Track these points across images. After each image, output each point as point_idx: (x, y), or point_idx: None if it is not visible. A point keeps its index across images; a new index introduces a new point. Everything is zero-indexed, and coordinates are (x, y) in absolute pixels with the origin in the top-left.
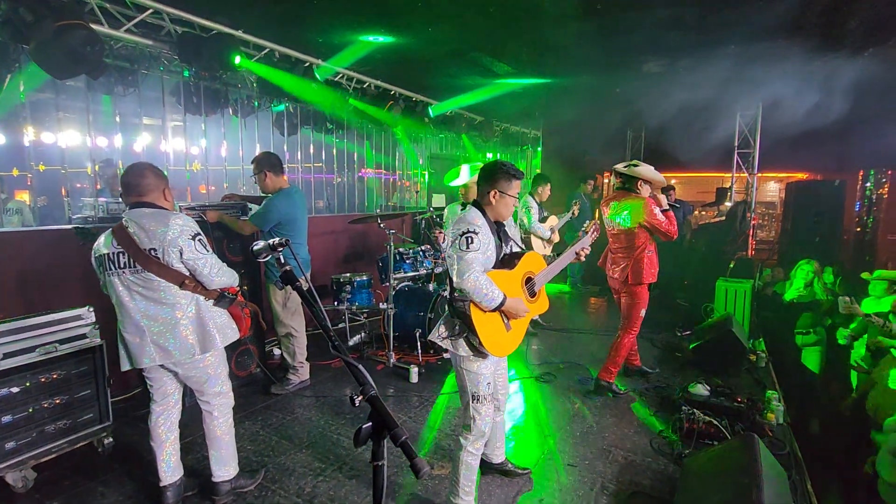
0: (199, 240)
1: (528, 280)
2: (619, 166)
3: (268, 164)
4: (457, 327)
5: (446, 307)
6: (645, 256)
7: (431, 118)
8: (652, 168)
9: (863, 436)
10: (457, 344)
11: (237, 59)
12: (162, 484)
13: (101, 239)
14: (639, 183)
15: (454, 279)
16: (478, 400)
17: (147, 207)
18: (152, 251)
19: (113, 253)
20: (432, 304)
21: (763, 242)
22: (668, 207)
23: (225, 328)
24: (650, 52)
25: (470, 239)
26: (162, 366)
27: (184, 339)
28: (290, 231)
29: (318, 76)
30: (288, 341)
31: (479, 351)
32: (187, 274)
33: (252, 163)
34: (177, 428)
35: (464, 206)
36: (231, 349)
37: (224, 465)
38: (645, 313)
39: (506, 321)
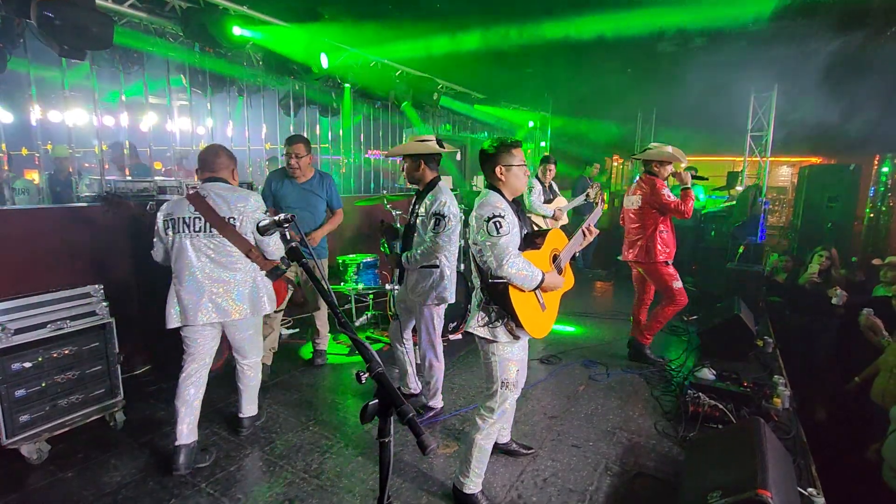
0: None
1: (555, 257)
2: (638, 154)
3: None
4: (493, 313)
5: (479, 294)
6: (658, 236)
7: (439, 105)
8: (668, 148)
9: (868, 421)
10: (496, 331)
11: (235, 30)
12: (177, 443)
13: (172, 205)
14: (654, 164)
15: (492, 267)
16: (507, 387)
17: (222, 182)
18: (231, 220)
19: (189, 217)
20: None
21: (773, 228)
22: (688, 185)
23: (272, 297)
24: (663, 31)
25: (498, 223)
26: (210, 325)
27: (240, 301)
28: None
29: (325, 59)
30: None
31: (514, 335)
32: (254, 244)
33: (299, 142)
34: (202, 392)
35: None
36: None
37: (251, 405)
38: (679, 286)
39: (541, 301)
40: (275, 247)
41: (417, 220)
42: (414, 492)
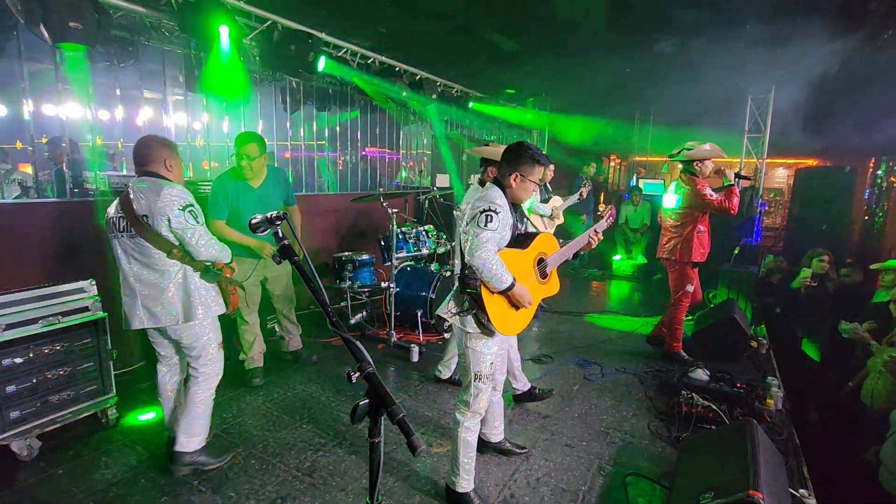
0: (190, 210)
1: (541, 261)
2: (674, 152)
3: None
4: (466, 303)
5: (456, 282)
6: (695, 236)
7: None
8: (706, 146)
9: (860, 424)
10: (465, 320)
11: (223, 29)
12: (170, 434)
13: (110, 205)
14: (695, 163)
15: (465, 254)
16: (479, 379)
17: (150, 176)
18: (145, 218)
19: (115, 217)
20: (434, 284)
21: (769, 229)
22: (732, 182)
23: (210, 302)
24: (662, 31)
25: (489, 217)
26: (158, 329)
27: (170, 305)
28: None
29: (322, 60)
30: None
31: (486, 328)
32: (176, 243)
33: (251, 142)
34: (183, 387)
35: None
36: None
37: (190, 435)
38: (692, 289)
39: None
40: (200, 245)
41: None
42: (406, 490)
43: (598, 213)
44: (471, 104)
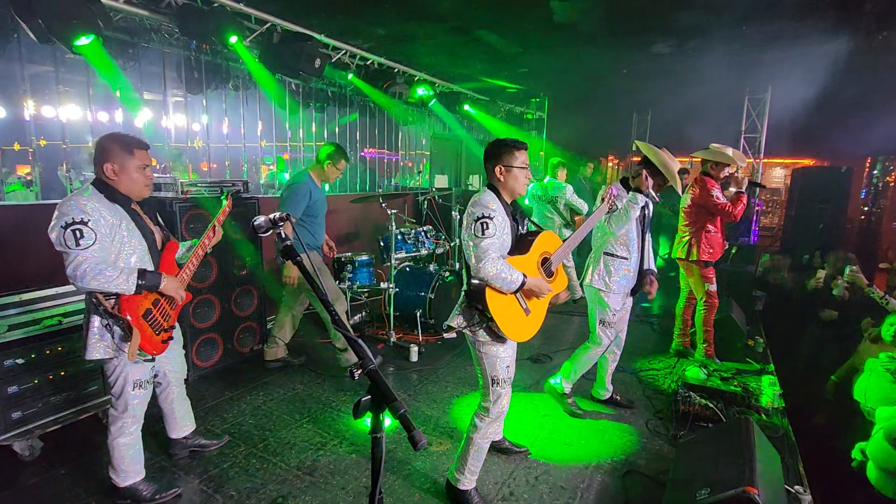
0: (75, 230)
1: (545, 260)
2: (698, 152)
3: None
4: (475, 316)
5: (462, 296)
6: (703, 235)
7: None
8: (728, 150)
9: (854, 421)
10: (476, 332)
11: (233, 39)
12: (172, 437)
13: None
14: (710, 165)
15: (471, 266)
16: (497, 383)
17: (92, 184)
18: None
19: None
20: (433, 284)
21: (766, 229)
22: (742, 190)
23: (102, 343)
24: (659, 33)
25: (485, 224)
26: None
27: (83, 332)
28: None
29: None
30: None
31: (499, 337)
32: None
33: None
34: (180, 386)
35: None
36: (234, 325)
37: (114, 471)
38: (714, 289)
39: (524, 306)
40: (76, 273)
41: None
42: (406, 489)
43: (599, 195)
44: (466, 106)
